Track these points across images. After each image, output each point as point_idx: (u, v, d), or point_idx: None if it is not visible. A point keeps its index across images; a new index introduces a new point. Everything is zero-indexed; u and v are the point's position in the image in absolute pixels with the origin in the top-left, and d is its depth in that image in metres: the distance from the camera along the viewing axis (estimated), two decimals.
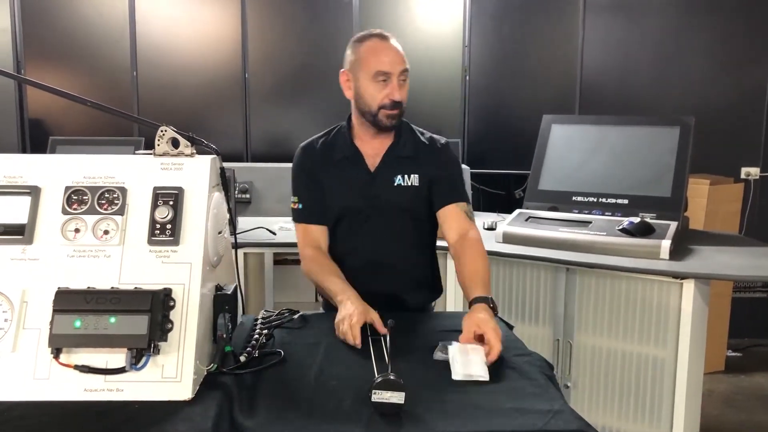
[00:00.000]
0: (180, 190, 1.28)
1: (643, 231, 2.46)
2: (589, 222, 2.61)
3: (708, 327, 2.44)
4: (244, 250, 2.73)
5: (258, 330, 1.52)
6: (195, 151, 1.35)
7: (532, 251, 2.53)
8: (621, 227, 2.50)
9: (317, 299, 3.67)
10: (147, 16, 3.94)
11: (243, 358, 1.34)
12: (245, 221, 3.08)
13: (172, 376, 1.17)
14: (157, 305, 1.17)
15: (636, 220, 2.51)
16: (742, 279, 3.22)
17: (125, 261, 1.23)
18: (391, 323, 1.48)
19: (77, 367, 1.15)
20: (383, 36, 1.77)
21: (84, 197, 1.27)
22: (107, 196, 1.27)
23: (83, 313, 1.15)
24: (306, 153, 1.88)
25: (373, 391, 1.13)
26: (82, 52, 3.94)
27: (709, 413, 3.14)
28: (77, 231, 1.25)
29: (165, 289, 1.20)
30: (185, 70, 4.00)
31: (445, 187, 1.84)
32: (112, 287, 1.20)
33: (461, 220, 1.81)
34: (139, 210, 1.27)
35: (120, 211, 1.26)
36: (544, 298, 2.58)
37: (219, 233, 1.35)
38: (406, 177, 1.82)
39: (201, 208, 1.28)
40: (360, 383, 1.22)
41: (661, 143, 2.73)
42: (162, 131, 1.33)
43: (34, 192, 1.27)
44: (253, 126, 4.05)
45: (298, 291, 3.15)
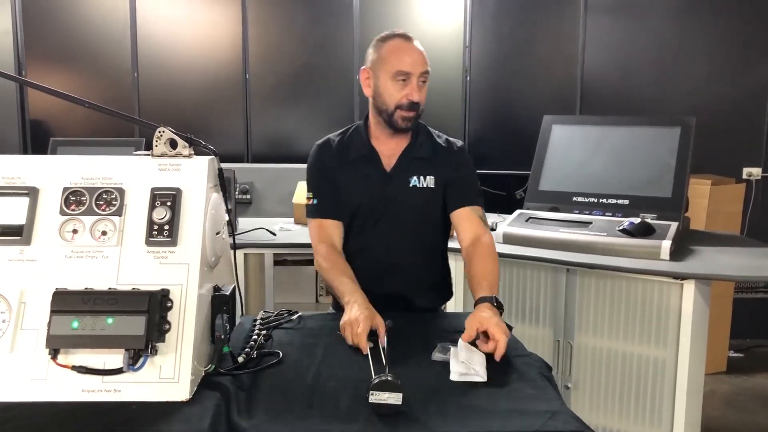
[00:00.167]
0: (178, 191, 1.28)
1: (644, 231, 2.45)
2: (590, 222, 2.60)
3: (709, 328, 2.43)
4: (244, 250, 2.74)
5: (256, 331, 1.53)
6: (193, 152, 1.35)
7: (532, 252, 2.53)
8: (621, 228, 2.50)
9: (317, 300, 3.69)
10: (148, 17, 3.95)
11: (241, 358, 1.34)
12: (246, 222, 3.08)
13: (169, 376, 1.17)
14: (155, 306, 1.17)
15: (636, 220, 2.50)
16: (742, 280, 3.21)
17: (123, 262, 1.24)
18: (389, 323, 1.48)
19: (75, 368, 1.15)
20: (407, 37, 1.78)
21: (82, 198, 1.27)
22: (105, 197, 1.28)
23: (81, 314, 1.16)
24: (322, 150, 1.88)
25: (371, 392, 1.13)
26: (83, 53, 3.95)
27: (711, 414, 3.13)
28: (75, 232, 1.25)
29: (162, 290, 1.20)
30: (186, 71, 4.01)
31: (460, 190, 1.85)
32: (109, 288, 1.20)
33: (475, 224, 1.81)
34: (137, 211, 1.27)
35: (118, 212, 1.27)
36: (544, 298, 2.58)
37: (217, 234, 1.35)
38: (421, 178, 1.82)
39: (199, 209, 1.28)
40: (357, 384, 1.22)
41: (662, 143, 2.73)
42: (160, 132, 1.33)
43: (32, 193, 1.27)
44: (254, 127, 4.05)
45: (298, 291, 3.16)
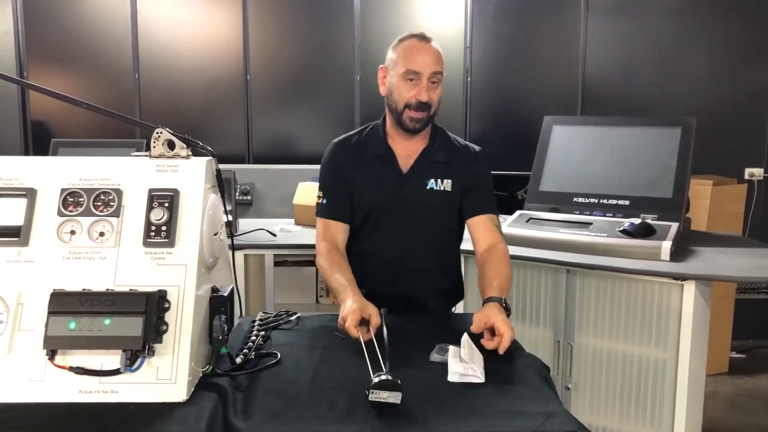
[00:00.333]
0: (175, 192, 1.28)
1: (644, 232, 2.44)
2: (590, 223, 2.60)
3: (711, 328, 2.42)
4: (244, 251, 2.74)
5: (255, 332, 1.53)
6: (191, 153, 1.36)
7: (532, 252, 2.52)
8: (622, 228, 2.49)
9: (318, 300, 3.69)
10: (149, 18, 3.96)
11: (239, 359, 1.34)
12: (246, 223, 3.08)
13: (166, 377, 1.17)
14: (152, 307, 1.18)
15: (637, 221, 2.50)
16: (743, 280, 3.20)
17: (120, 263, 1.24)
18: (384, 310, 1.48)
19: (72, 369, 1.16)
20: (423, 37, 1.77)
21: (80, 199, 1.28)
22: (103, 198, 1.28)
23: (78, 315, 1.16)
24: (338, 150, 1.87)
25: (370, 391, 1.14)
26: (84, 54, 3.96)
27: (713, 415, 3.12)
28: (73, 233, 1.26)
29: (160, 291, 1.20)
30: (187, 72, 4.02)
31: (478, 198, 1.85)
32: (107, 289, 1.20)
33: (492, 232, 1.82)
34: (135, 212, 1.27)
35: (115, 213, 1.27)
36: (544, 299, 2.57)
37: (215, 235, 1.35)
38: (439, 181, 1.82)
39: (196, 210, 1.28)
40: (355, 385, 1.22)
41: (663, 144, 2.72)
42: (158, 133, 1.33)
43: (30, 194, 1.28)
44: (255, 128, 4.06)
45: (298, 292, 3.16)
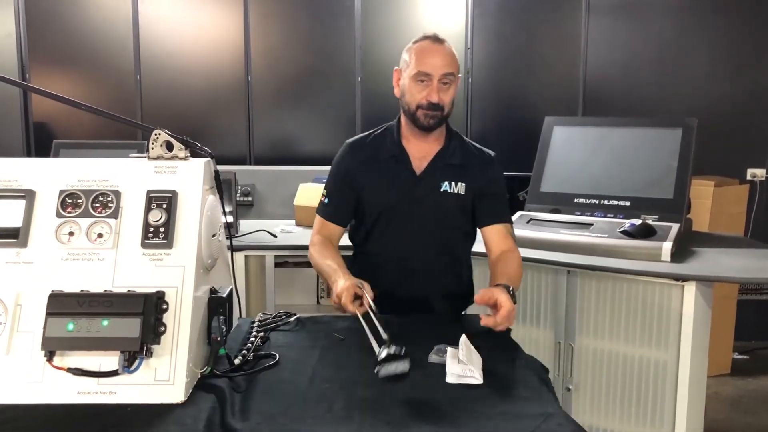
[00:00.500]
0: (173, 193, 1.28)
1: (645, 233, 2.44)
2: (591, 224, 2.60)
3: (714, 329, 2.41)
4: (245, 252, 2.74)
5: (254, 333, 1.53)
6: (189, 154, 1.36)
7: (533, 253, 2.51)
8: (622, 229, 2.48)
9: (319, 302, 3.70)
10: (150, 20, 3.96)
11: (237, 360, 1.35)
12: (247, 224, 3.08)
13: (164, 378, 1.17)
14: (150, 308, 1.18)
15: (637, 222, 2.49)
16: (743, 281, 3.18)
17: (119, 264, 1.24)
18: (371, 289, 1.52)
19: (70, 370, 1.16)
20: (435, 39, 1.77)
21: (78, 200, 1.28)
22: (101, 199, 1.28)
23: (76, 316, 1.16)
24: (349, 151, 1.87)
25: (380, 367, 1.17)
26: (85, 56, 3.96)
27: (715, 416, 3.11)
28: (71, 234, 1.26)
29: (158, 292, 1.20)
30: (188, 73, 4.02)
31: (494, 206, 1.85)
32: (105, 290, 1.21)
33: (507, 240, 1.82)
34: (133, 213, 1.28)
35: (114, 215, 1.27)
36: (545, 300, 2.57)
37: (213, 236, 1.35)
38: (453, 184, 1.81)
39: (194, 211, 1.28)
40: (352, 386, 1.23)
41: (664, 145, 2.71)
42: (156, 135, 1.34)
43: (28, 195, 1.28)
44: (256, 129, 4.06)
45: (299, 293, 3.16)
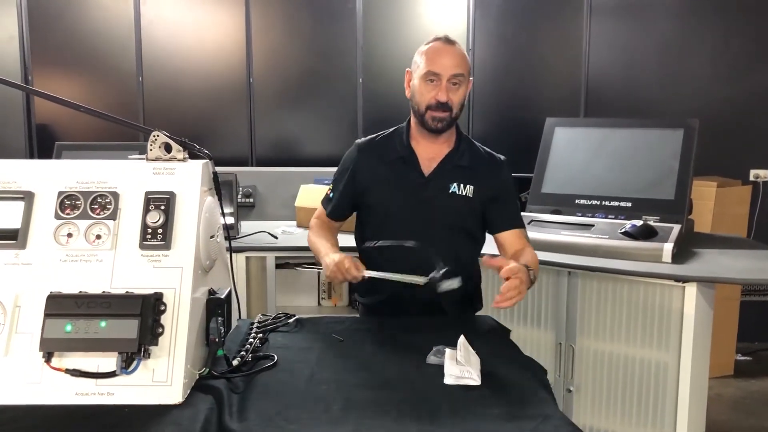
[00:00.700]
0: (171, 194, 1.29)
1: (646, 234, 2.43)
2: (592, 225, 2.59)
3: (716, 331, 2.40)
4: (246, 254, 2.75)
5: (253, 334, 1.53)
6: (188, 156, 1.36)
7: None
8: (623, 230, 2.48)
9: (320, 303, 3.69)
10: (152, 21, 3.97)
11: (236, 361, 1.35)
12: (248, 225, 3.08)
13: (162, 380, 1.18)
14: (148, 309, 1.18)
15: (638, 223, 2.49)
16: (744, 282, 3.16)
17: (117, 265, 1.24)
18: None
19: (68, 371, 1.16)
20: (446, 40, 1.80)
21: (77, 202, 1.28)
22: (100, 200, 1.28)
23: (74, 317, 1.16)
24: (356, 152, 1.89)
25: (440, 285, 1.50)
26: (88, 58, 3.98)
27: (718, 418, 3.10)
28: (70, 236, 1.26)
29: (156, 294, 1.20)
30: (190, 75, 4.03)
31: (508, 212, 1.87)
32: (103, 291, 1.21)
33: (522, 242, 1.85)
34: (131, 215, 1.28)
35: (112, 216, 1.27)
36: (546, 301, 2.56)
37: (211, 237, 1.36)
38: (461, 186, 1.82)
39: (192, 212, 1.29)
40: (350, 388, 1.23)
41: (665, 146, 2.71)
42: (154, 136, 1.34)
43: (27, 197, 1.28)
44: (258, 130, 4.06)
45: (299, 295, 3.16)
